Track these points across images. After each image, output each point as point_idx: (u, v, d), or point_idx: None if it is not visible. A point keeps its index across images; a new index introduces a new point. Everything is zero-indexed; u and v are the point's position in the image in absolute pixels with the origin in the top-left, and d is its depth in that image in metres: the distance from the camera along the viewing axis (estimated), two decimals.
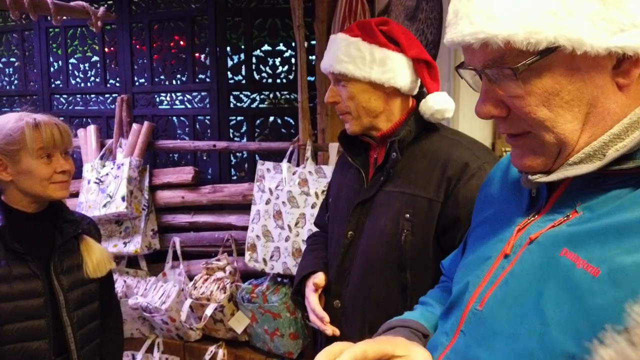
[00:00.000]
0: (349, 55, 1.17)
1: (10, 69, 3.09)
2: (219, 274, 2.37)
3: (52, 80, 2.98)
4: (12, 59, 3.07)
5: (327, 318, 1.24)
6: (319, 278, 1.30)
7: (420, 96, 1.26)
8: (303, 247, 2.09)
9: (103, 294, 1.49)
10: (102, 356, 1.49)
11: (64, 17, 1.88)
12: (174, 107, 2.78)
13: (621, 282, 0.49)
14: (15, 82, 3.08)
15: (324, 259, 1.42)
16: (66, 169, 1.31)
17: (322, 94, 2.35)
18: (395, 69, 1.19)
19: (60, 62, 2.95)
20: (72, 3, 1.89)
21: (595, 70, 0.55)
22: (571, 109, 0.56)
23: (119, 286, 2.48)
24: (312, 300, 1.28)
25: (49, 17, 1.85)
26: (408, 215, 1.14)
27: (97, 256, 1.43)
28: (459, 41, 0.60)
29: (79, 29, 2.90)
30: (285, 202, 2.13)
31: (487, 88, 0.61)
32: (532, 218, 0.65)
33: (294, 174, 2.18)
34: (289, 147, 2.30)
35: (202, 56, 2.70)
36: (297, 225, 2.12)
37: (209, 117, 2.69)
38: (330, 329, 1.23)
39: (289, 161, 2.25)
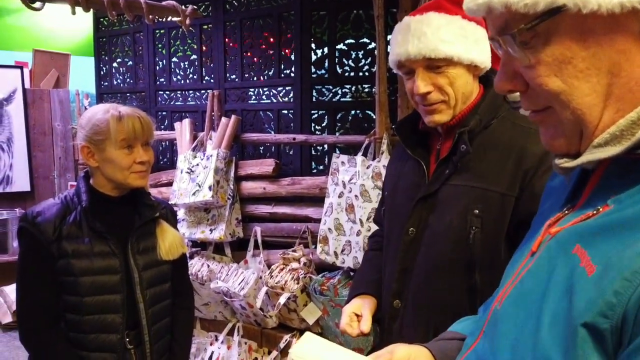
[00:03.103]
0: (453, 34, 1.06)
1: (123, 69, 3.44)
2: (294, 265, 2.41)
3: (157, 78, 3.26)
4: (126, 59, 3.42)
5: (351, 333, 1.22)
6: (356, 308, 1.27)
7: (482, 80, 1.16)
8: None
9: (176, 276, 1.58)
10: (172, 334, 1.58)
11: (157, 17, 2.03)
12: (261, 101, 2.88)
13: (603, 280, 0.42)
14: (128, 80, 3.42)
15: (380, 272, 1.37)
16: (145, 160, 1.40)
17: (402, 85, 2.27)
18: (486, 49, 1.10)
19: (164, 61, 3.21)
20: (163, 2, 2.03)
21: (615, 32, 0.46)
22: (588, 79, 0.48)
23: (204, 270, 2.64)
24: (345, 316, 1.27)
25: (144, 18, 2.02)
26: (477, 211, 1.05)
27: (170, 240, 1.52)
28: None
29: (181, 30, 3.13)
30: (357, 196, 2.10)
31: (504, 60, 0.56)
32: (566, 212, 0.57)
33: (367, 167, 2.13)
34: (365, 140, 2.25)
35: (288, 51, 2.76)
36: (369, 220, 2.07)
37: (292, 111, 2.74)
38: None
39: (365, 155, 2.21)
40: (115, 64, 3.48)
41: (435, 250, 1.12)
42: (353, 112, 2.61)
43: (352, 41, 2.56)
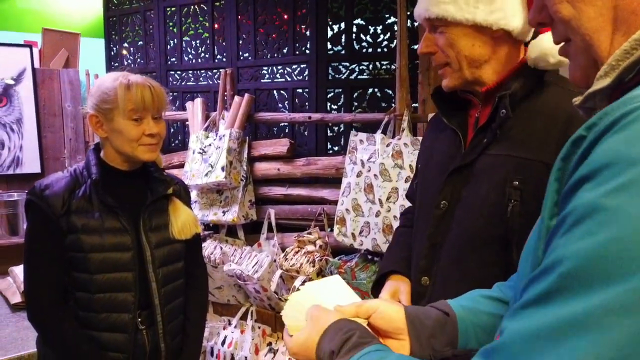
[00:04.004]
0: None
1: (134, 49, 3.37)
2: (310, 247, 2.33)
3: (168, 57, 3.18)
4: (136, 39, 3.34)
5: None
6: (393, 291, 1.20)
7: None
8: (394, 223, 1.95)
9: (189, 256, 1.51)
10: (185, 314, 1.52)
11: None
12: (275, 80, 2.79)
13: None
14: (139, 60, 3.34)
15: (410, 250, 1.31)
16: (155, 132, 1.32)
17: (425, 61, 2.16)
18: (505, 7, 1.00)
19: (175, 40, 3.13)
20: None
21: None
22: (593, 2, 0.48)
23: (217, 253, 2.58)
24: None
25: None
26: (517, 183, 0.97)
27: (183, 218, 1.45)
28: None
29: (192, 7, 3.04)
30: (377, 175, 2.00)
31: None
32: None
33: (387, 145, 2.04)
34: (384, 118, 2.16)
35: (303, 27, 2.66)
36: (389, 200, 1.98)
37: (307, 90, 2.65)
38: None
39: (384, 133, 2.12)
40: (125, 44, 3.40)
41: (468, 225, 1.04)
42: (370, 90, 2.50)
43: (371, 16, 2.46)
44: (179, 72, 3.16)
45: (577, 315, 0.36)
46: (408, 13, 2.11)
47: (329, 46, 2.57)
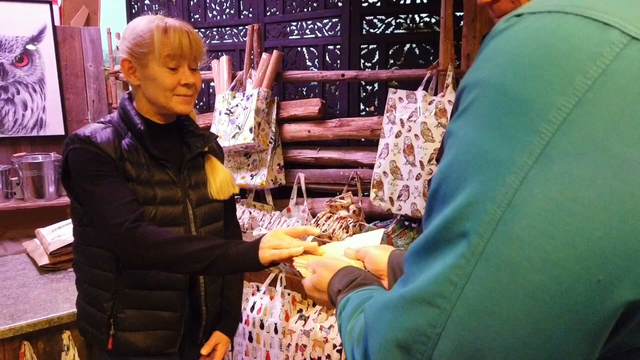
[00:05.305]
0: None
1: (156, 6, 3.22)
2: (342, 213, 2.22)
3: (191, 14, 3.03)
4: None
5: None
6: None
7: None
8: None
9: (226, 216, 1.43)
10: (223, 277, 1.45)
11: None
12: (304, 37, 2.63)
13: None
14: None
15: None
16: (191, 82, 1.21)
17: (470, 12, 1.98)
18: None
19: None
20: None
21: None
22: None
23: (245, 217, 2.49)
24: None
25: None
26: None
27: (221, 178, 1.35)
28: None
29: None
30: (418, 135, 1.86)
31: None
32: None
33: (430, 103, 1.89)
34: (425, 74, 2.00)
35: None
36: (431, 162, 1.84)
37: (339, 47, 2.49)
38: None
39: (426, 89, 1.96)
40: (147, 2, 3.26)
41: None
42: (408, 46, 2.33)
43: None
44: (202, 30, 3.02)
45: (431, 232, 0.41)
46: None
47: None
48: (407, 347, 0.41)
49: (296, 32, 2.65)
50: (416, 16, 2.30)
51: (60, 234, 1.84)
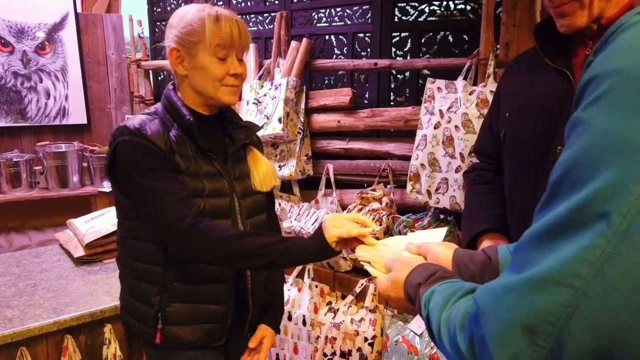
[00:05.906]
0: None
1: None
2: (375, 205, 2.18)
3: (214, 1, 2.97)
4: None
5: None
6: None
7: None
8: None
9: (268, 208, 1.41)
10: (267, 272, 1.43)
11: None
12: (333, 24, 2.57)
13: None
14: (183, 5, 3.15)
15: (502, 207, 1.21)
16: (239, 72, 1.19)
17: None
18: None
19: None
20: None
21: None
22: None
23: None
24: None
25: None
26: None
27: (263, 169, 1.34)
28: None
29: None
30: (458, 127, 1.81)
31: None
32: None
33: (471, 93, 1.83)
34: (465, 63, 1.94)
35: None
36: (471, 155, 1.79)
37: (369, 34, 2.43)
38: None
39: (465, 79, 1.91)
40: None
41: None
42: (442, 33, 2.27)
43: None
44: None
45: (558, 216, 0.42)
46: None
47: None
48: (531, 329, 0.41)
49: (324, 19, 2.59)
50: (450, 3, 2.23)
51: (93, 225, 1.82)
